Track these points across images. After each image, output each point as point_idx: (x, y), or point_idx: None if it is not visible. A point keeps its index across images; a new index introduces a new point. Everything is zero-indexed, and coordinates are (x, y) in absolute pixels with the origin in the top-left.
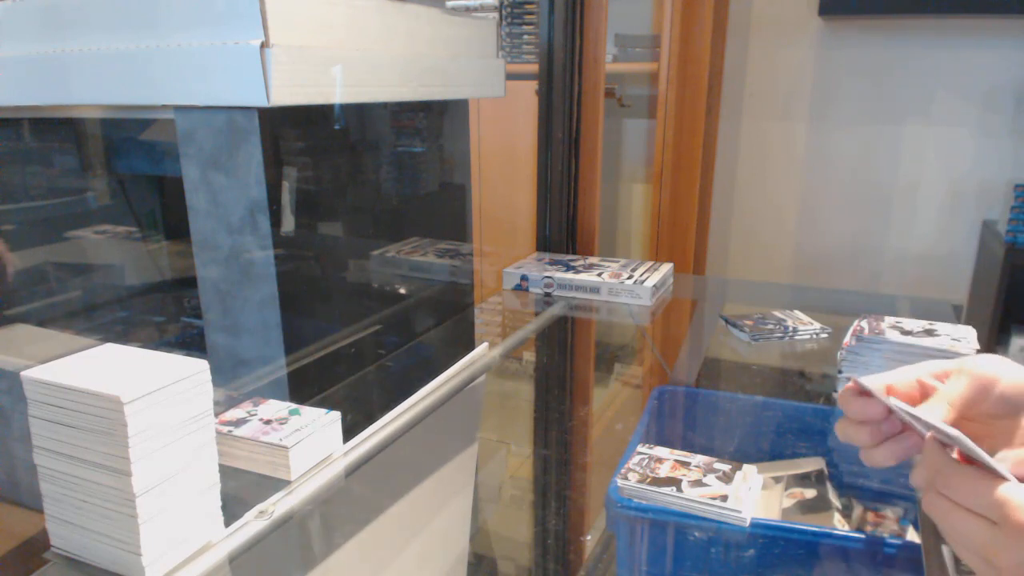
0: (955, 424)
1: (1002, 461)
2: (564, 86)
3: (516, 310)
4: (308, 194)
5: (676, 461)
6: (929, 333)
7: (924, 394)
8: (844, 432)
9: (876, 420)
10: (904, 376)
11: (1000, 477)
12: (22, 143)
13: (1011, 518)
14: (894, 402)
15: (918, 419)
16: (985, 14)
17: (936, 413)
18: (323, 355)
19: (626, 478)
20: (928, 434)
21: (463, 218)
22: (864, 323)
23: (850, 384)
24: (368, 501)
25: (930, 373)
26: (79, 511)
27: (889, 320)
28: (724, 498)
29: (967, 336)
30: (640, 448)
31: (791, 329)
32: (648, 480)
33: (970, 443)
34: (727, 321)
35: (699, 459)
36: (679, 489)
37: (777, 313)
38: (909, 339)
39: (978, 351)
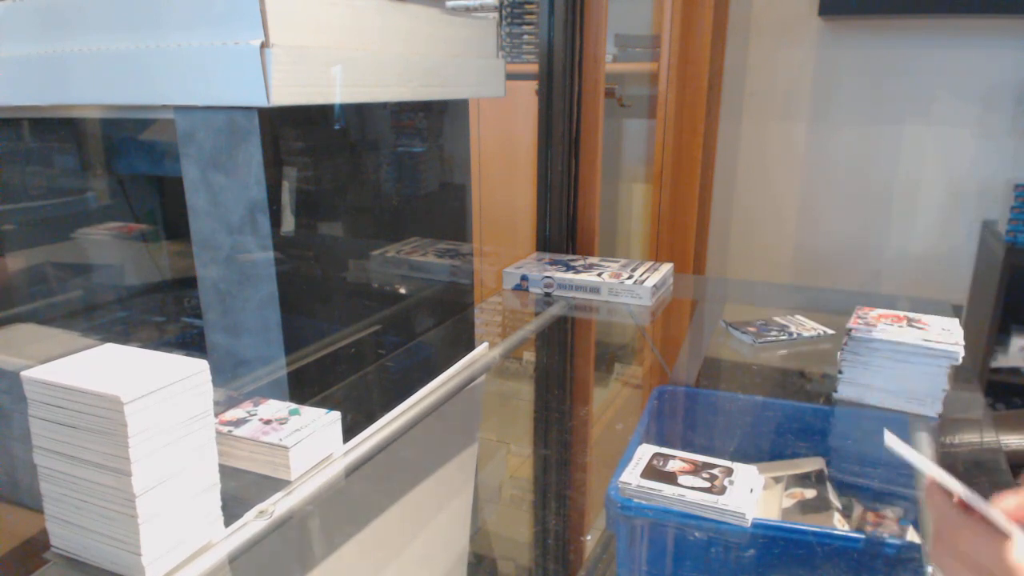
0: None
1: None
2: (564, 86)
3: (516, 310)
4: (308, 194)
5: (676, 461)
6: (919, 326)
7: None
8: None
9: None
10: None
11: (1002, 534)
12: (22, 143)
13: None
14: (895, 442)
15: (916, 466)
16: (985, 14)
17: (941, 474)
18: (323, 355)
19: (626, 478)
20: (928, 478)
21: (463, 218)
22: (858, 319)
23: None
24: (368, 501)
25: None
26: (79, 511)
27: (878, 311)
28: (724, 498)
29: (951, 327)
30: (640, 448)
31: (795, 335)
32: (648, 480)
33: (973, 495)
34: (730, 325)
35: (699, 459)
36: (679, 489)
37: (779, 319)
38: (903, 337)
39: (963, 345)
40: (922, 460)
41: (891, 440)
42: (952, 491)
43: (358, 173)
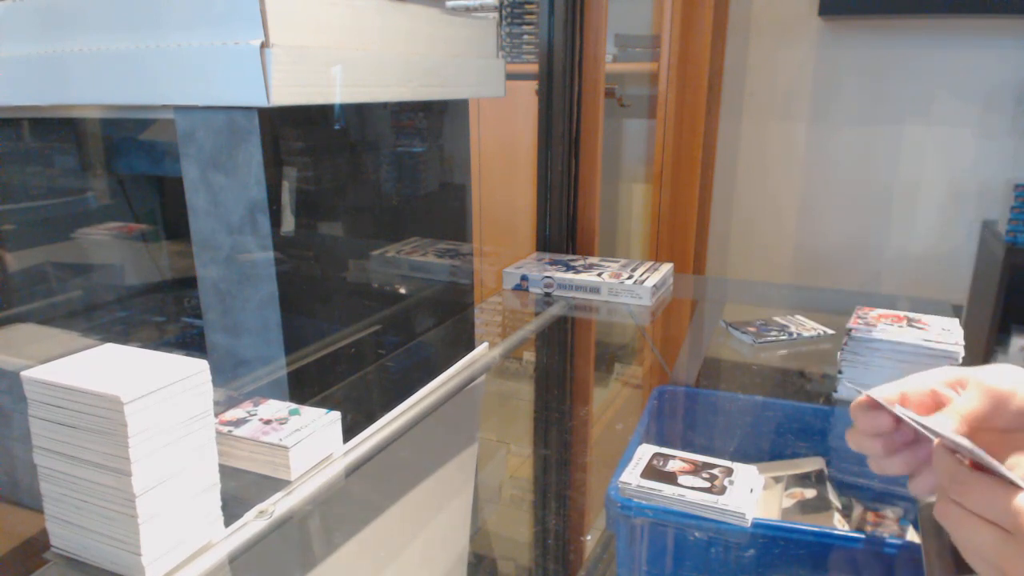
0: (969, 437)
1: (1014, 468)
2: (564, 86)
3: (516, 310)
4: (308, 194)
5: (676, 461)
6: (919, 326)
7: (937, 404)
8: (855, 442)
9: (887, 432)
10: (917, 385)
11: (1014, 485)
12: (22, 143)
13: None
14: (902, 411)
15: (928, 428)
16: (985, 14)
17: (947, 424)
18: (323, 355)
19: (626, 478)
20: (936, 441)
21: (463, 218)
22: (858, 319)
23: (862, 398)
24: (368, 501)
25: (944, 382)
26: (79, 511)
27: (878, 311)
28: (724, 498)
29: (951, 327)
30: (640, 448)
31: (795, 335)
32: (648, 480)
33: (980, 452)
34: (730, 325)
35: (699, 459)
36: (679, 489)
37: (779, 319)
38: (903, 337)
39: (963, 345)
40: (932, 422)
41: (901, 410)
42: (961, 449)
43: (358, 173)
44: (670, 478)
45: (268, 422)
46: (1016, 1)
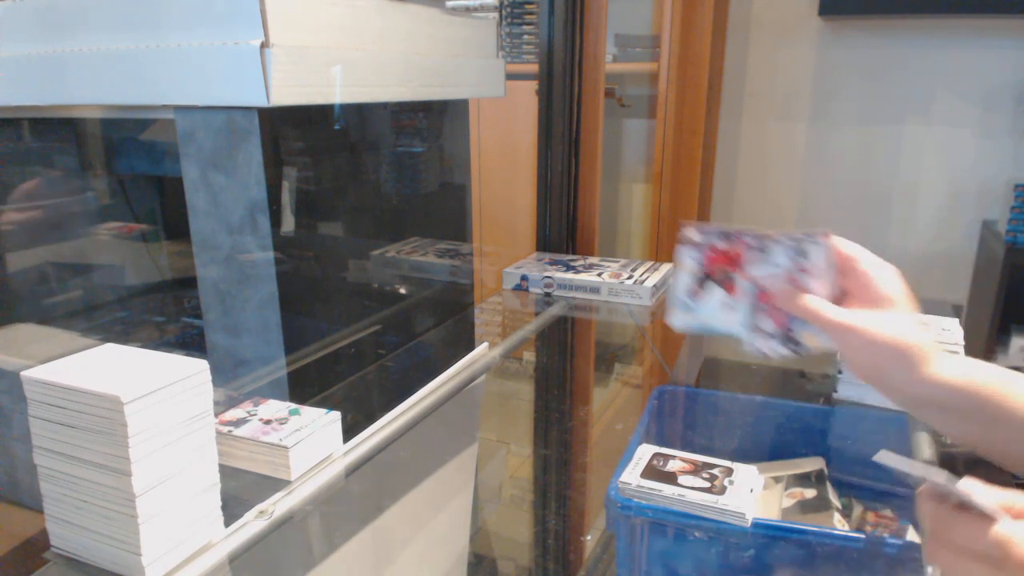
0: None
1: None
2: (564, 86)
3: (516, 310)
4: (308, 194)
5: (676, 461)
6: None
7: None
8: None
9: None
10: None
11: (994, 518)
12: (22, 143)
13: (1013, 555)
14: (897, 460)
15: (910, 474)
16: (985, 14)
17: (933, 472)
18: (323, 355)
19: (626, 478)
20: (921, 487)
21: (463, 218)
22: None
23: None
24: (368, 501)
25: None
26: (79, 511)
27: None
28: (724, 498)
29: (951, 327)
30: (640, 448)
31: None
32: (648, 480)
33: (964, 490)
34: None
35: (699, 459)
36: (679, 489)
37: None
38: None
39: (963, 345)
40: (916, 467)
41: (884, 456)
42: (948, 494)
43: (358, 173)
44: (670, 478)
45: (268, 422)
46: (1016, 1)
